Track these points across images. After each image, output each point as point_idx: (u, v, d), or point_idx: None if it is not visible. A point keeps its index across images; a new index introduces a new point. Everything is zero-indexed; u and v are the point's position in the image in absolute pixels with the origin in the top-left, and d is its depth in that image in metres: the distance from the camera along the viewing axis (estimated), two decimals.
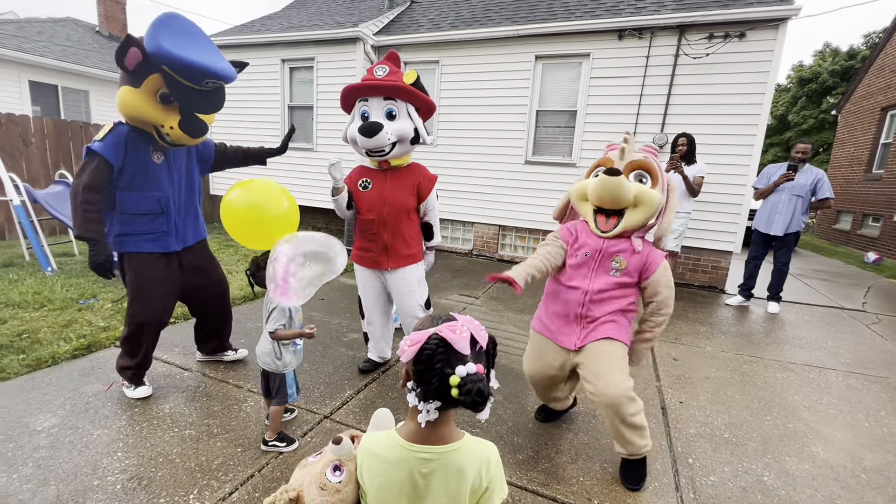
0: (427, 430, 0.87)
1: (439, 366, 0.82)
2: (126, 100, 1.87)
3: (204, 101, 1.94)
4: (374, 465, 0.90)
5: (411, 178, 2.38)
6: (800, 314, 4.41)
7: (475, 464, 0.89)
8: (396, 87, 2.20)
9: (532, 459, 1.95)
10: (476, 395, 0.79)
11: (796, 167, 4.19)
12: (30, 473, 1.64)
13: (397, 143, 2.25)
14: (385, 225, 2.35)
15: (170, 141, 2.01)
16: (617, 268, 1.79)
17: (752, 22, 4.63)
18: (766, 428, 2.32)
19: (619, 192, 1.68)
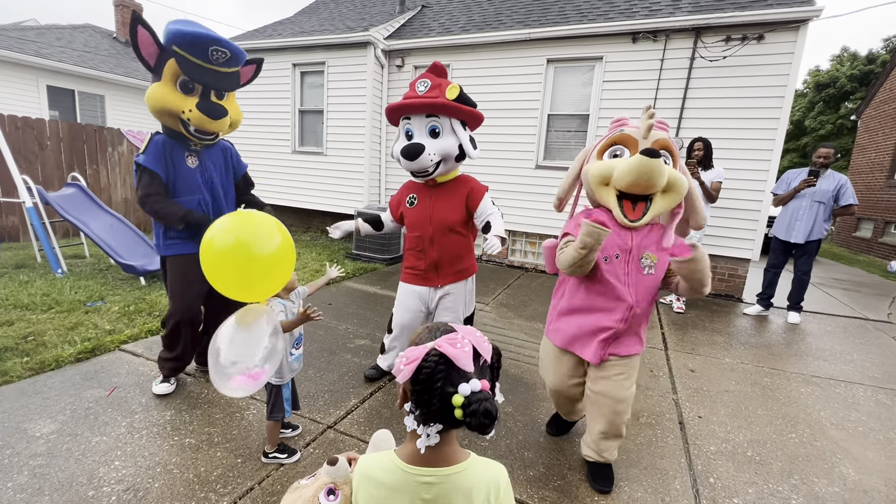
0: (429, 452, 0.79)
1: (440, 385, 0.74)
2: (152, 93, 1.97)
3: (217, 79, 2.04)
4: (372, 492, 0.83)
5: (458, 193, 2.29)
6: (822, 325, 4.25)
7: (483, 487, 0.81)
8: (436, 105, 2.12)
9: (544, 476, 1.86)
10: (483, 415, 0.70)
11: (818, 172, 4.05)
12: (24, 482, 1.59)
13: (441, 161, 2.18)
14: (433, 242, 2.28)
15: (193, 130, 2.05)
16: (649, 265, 1.62)
17: (772, 24, 4.51)
18: (792, 446, 2.20)
19: (657, 174, 1.46)
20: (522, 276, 5.60)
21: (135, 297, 3.68)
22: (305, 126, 7.06)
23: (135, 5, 12.99)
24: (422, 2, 7.79)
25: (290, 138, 7.07)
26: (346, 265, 5.41)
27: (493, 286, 4.99)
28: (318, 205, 7.08)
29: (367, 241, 5.83)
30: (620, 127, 1.69)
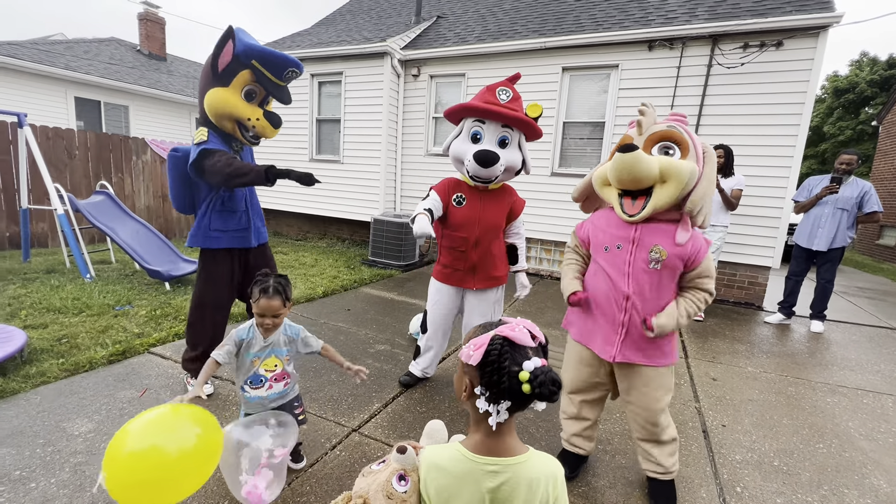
0: (493, 442, 0.86)
1: (507, 363, 0.81)
2: (218, 97, 2.07)
3: (281, 93, 2.21)
4: (441, 480, 0.87)
5: (505, 199, 2.34)
6: (846, 334, 4.17)
7: (543, 479, 0.86)
8: (520, 120, 2.14)
9: (568, 482, 1.86)
10: (550, 384, 0.78)
11: (840, 179, 4.00)
12: (66, 479, 1.65)
13: (504, 172, 2.22)
14: (477, 245, 2.29)
15: (252, 135, 2.20)
16: (656, 259, 1.56)
17: (791, 30, 4.49)
18: (820, 457, 2.16)
19: (637, 168, 1.46)
20: (538, 283, 5.60)
21: (160, 302, 3.78)
22: (323, 135, 7.20)
23: (158, 19, 13.42)
24: (437, 12, 7.92)
25: (308, 147, 7.21)
26: (362, 271, 5.47)
27: (509, 292, 4.98)
28: (335, 212, 7.19)
29: (383, 247, 5.89)
30: (631, 128, 1.71)
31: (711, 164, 1.56)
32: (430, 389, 2.60)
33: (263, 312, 1.56)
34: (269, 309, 1.55)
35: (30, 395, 2.21)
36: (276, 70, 2.10)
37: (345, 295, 4.50)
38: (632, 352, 1.64)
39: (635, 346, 1.63)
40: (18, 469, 1.69)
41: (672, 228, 1.58)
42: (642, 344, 1.62)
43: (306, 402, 2.32)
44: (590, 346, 1.76)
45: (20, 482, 1.62)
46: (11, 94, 8.75)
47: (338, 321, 3.66)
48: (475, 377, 0.85)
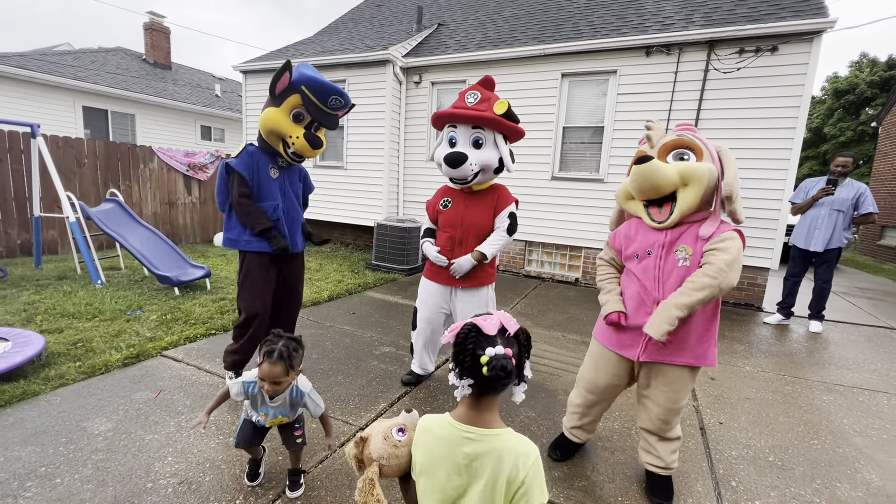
0: (474, 414, 0.99)
1: (471, 346, 0.95)
2: (270, 116, 2.29)
3: (326, 119, 2.38)
4: (427, 441, 1.01)
5: (490, 200, 2.43)
6: (845, 334, 4.22)
7: (512, 455, 0.95)
8: (484, 118, 2.24)
9: (568, 477, 1.93)
10: (500, 370, 0.91)
11: (836, 181, 4.07)
12: (89, 474, 1.74)
13: (480, 171, 2.31)
14: (461, 244, 2.41)
15: (293, 151, 2.36)
16: (684, 256, 1.59)
17: (785, 36, 4.57)
18: (815, 452, 2.23)
19: (655, 176, 1.53)
20: (539, 286, 5.67)
21: (170, 307, 3.87)
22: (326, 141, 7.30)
23: (163, 28, 13.63)
24: (438, 20, 8.04)
25: None
26: (366, 276, 5.56)
27: (510, 296, 5.07)
28: (339, 217, 7.29)
29: (387, 252, 5.98)
30: (641, 145, 1.80)
31: (730, 158, 1.61)
32: (433, 389, 2.67)
33: (264, 377, 1.49)
34: (269, 375, 1.47)
35: (50, 396, 2.30)
36: (321, 95, 2.28)
37: (349, 299, 4.58)
38: (657, 351, 1.66)
39: (661, 345, 1.64)
40: (44, 465, 1.77)
41: (697, 226, 1.62)
42: (666, 344, 1.63)
43: None
44: (614, 349, 1.78)
45: (46, 478, 1.70)
46: (22, 105, 8.92)
47: (343, 324, 3.74)
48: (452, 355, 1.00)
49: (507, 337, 0.98)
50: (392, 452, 1.03)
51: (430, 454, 1.00)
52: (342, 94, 2.34)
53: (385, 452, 1.03)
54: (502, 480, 0.93)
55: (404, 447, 1.05)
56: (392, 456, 1.03)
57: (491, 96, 2.31)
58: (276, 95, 2.28)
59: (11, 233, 5.67)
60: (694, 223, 1.62)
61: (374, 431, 1.08)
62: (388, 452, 1.03)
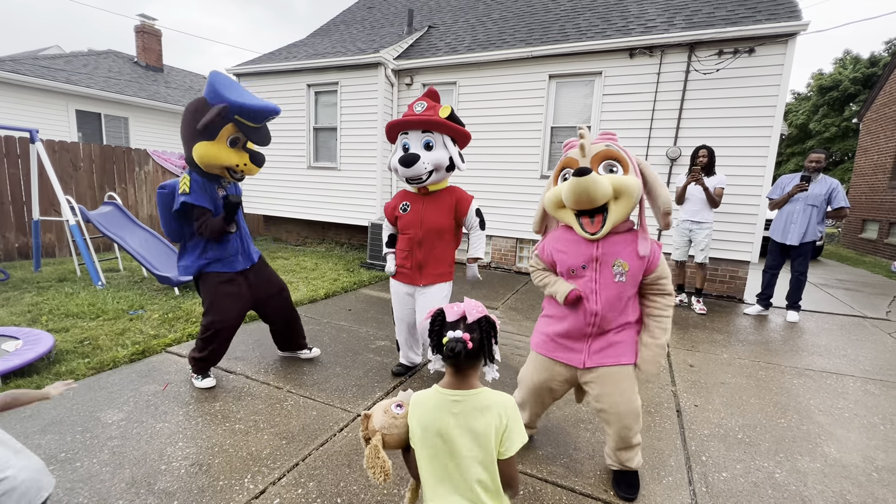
0: (457, 380, 1.15)
1: (437, 329, 1.14)
2: (206, 153, 2.28)
3: (262, 136, 2.43)
4: (420, 411, 1.17)
5: (448, 200, 2.61)
6: (819, 323, 4.42)
7: (495, 406, 1.12)
8: (432, 122, 2.45)
9: (552, 455, 2.09)
10: (450, 350, 1.08)
11: (810, 177, 4.26)
12: (106, 459, 1.87)
13: (434, 171, 2.49)
14: (420, 244, 2.58)
15: (240, 176, 2.44)
16: (620, 272, 1.68)
17: (761, 38, 4.77)
18: (780, 430, 2.40)
19: (594, 189, 1.56)
20: (530, 282, 5.84)
21: (171, 306, 3.99)
22: (320, 142, 7.43)
23: (154, 31, 13.63)
24: (428, 23, 8.18)
25: (306, 154, 7.43)
26: (361, 274, 5.69)
27: (502, 291, 5.24)
28: (333, 217, 7.41)
29: (381, 250, 6.10)
30: (567, 150, 1.81)
31: (649, 168, 1.74)
32: (427, 379, 2.82)
33: None
34: None
35: None
36: (256, 120, 2.32)
37: (345, 296, 4.72)
38: (598, 356, 1.77)
39: (601, 351, 1.77)
40: (63, 452, 1.90)
41: (629, 238, 1.71)
42: (605, 347, 1.76)
43: (315, 392, 2.55)
44: (554, 358, 1.85)
45: (67, 462, 1.83)
46: (16, 109, 8.93)
47: (340, 320, 3.88)
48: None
49: (468, 323, 1.12)
50: (391, 423, 1.19)
51: (425, 421, 1.15)
52: (276, 112, 2.34)
53: (386, 423, 1.19)
54: (491, 430, 1.10)
55: (402, 419, 1.20)
56: (392, 426, 1.18)
57: (436, 105, 2.53)
58: (203, 129, 2.23)
59: (10, 237, 5.75)
60: (619, 233, 1.72)
61: (375, 408, 1.24)
62: (388, 423, 1.19)
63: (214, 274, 2.47)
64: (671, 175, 5.36)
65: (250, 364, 2.90)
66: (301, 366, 2.90)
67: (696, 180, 4.34)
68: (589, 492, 1.85)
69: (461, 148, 2.66)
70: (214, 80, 2.24)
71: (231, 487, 1.74)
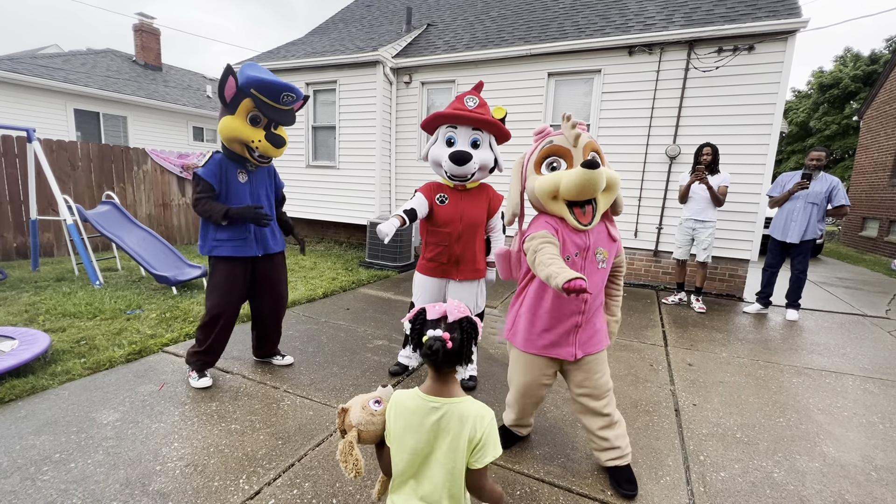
0: (438, 386, 1.15)
1: (419, 327, 1.14)
2: (226, 125, 2.34)
3: (282, 116, 2.44)
4: (399, 411, 1.17)
5: (484, 196, 2.58)
6: (819, 321, 4.41)
7: (472, 416, 1.12)
8: (488, 122, 2.40)
9: (549, 455, 2.08)
10: (427, 348, 1.09)
11: (811, 175, 4.25)
12: (101, 459, 1.86)
13: (479, 170, 2.46)
14: (459, 239, 2.53)
15: (258, 155, 2.44)
16: (602, 259, 1.74)
17: (761, 35, 4.74)
18: (779, 429, 2.39)
19: (601, 183, 1.57)
20: None
21: (169, 306, 3.98)
22: (318, 141, 7.41)
23: (153, 30, 13.60)
24: (427, 21, 8.15)
25: (305, 153, 7.41)
26: (360, 273, 5.68)
27: (500, 290, 5.22)
28: (332, 216, 7.40)
29: (380, 249, 6.11)
30: (545, 137, 1.76)
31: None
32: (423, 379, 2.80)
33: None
34: None
35: (58, 390, 2.41)
36: (272, 95, 2.33)
37: (344, 295, 4.71)
38: (587, 345, 1.81)
39: (588, 340, 1.81)
40: (58, 452, 1.89)
41: (602, 227, 1.78)
42: (591, 336, 1.82)
43: (311, 392, 2.54)
44: (543, 354, 1.82)
45: (61, 463, 1.83)
46: (14, 108, 8.92)
47: (338, 320, 3.87)
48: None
49: (448, 323, 1.13)
50: (369, 420, 1.19)
51: (402, 422, 1.15)
52: (292, 90, 2.38)
53: (363, 420, 1.19)
54: (464, 438, 1.10)
55: (379, 416, 1.20)
56: (369, 423, 1.19)
57: (486, 102, 2.50)
58: (228, 103, 2.34)
59: (7, 236, 5.73)
60: (601, 225, 1.79)
61: (353, 403, 1.24)
62: (365, 420, 1.19)
63: (222, 257, 2.48)
64: (671, 173, 5.34)
65: (247, 364, 2.89)
66: (298, 366, 2.89)
67: (701, 179, 4.32)
68: (586, 492, 1.84)
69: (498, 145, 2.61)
70: (245, 65, 2.36)
71: (226, 488, 1.73)
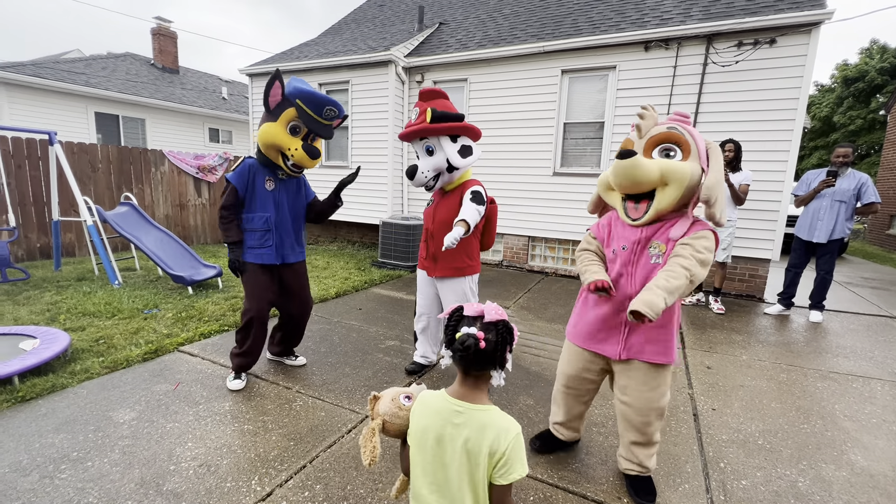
0: (464, 390, 1.11)
1: (454, 324, 1.10)
2: (267, 131, 2.38)
3: (322, 130, 2.47)
4: (424, 411, 1.15)
5: (458, 195, 2.57)
6: (845, 323, 4.26)
7: (494, 429, 1.06)
8: (418, 130, 2.45)
9: (563, 459, 2.04)
10: (461, 344, 1.04)
11: (837, 172, 4.10)
12: (117, 458, 1.88)
13: (438, 175, 2.52)
14: (432, 237, 2.62)
15: (292, 163, 2.46)
16: (657, 253, 1.60)
17: (783, 28, 4.60)
18: (803, 436, 2.31)
19: (635, 173, 1.50)
20: (542, 280, 5.76)
21: (185, 305, 4.03)
22: (331, 141, 7.44)
23: (170, 33, 13.85)
24: (439, 19, 8.12)
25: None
26: (372, 273, 5.69)
27: (513, 290, 5.17)
28: (345, 216, 7.43)
29: (392, 249, 6.11)
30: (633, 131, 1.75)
31: (717, 157, 1.59)
32: (437, 380, 2.79)
33: None
34: None
35: (77, 389, 2.46)
36: (316, 107, 2.37)
37: (356, 295, 4.72)
38: (635, 349, 1.68)
39: (638, 344, 1.67)
40: (75, 451, 1.92)
41: (670, 225, 1.62)
42: (644, 342, 1.66)
43: (324, 393, 2.54)
44: (589, 348, 1.80)
45: (78, 461, 1.85)
46: (37, 112, 9.18)
47: (350, 320, 3.88)
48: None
49: (485, 323, 1.09)
50: (395, 412, 1.19)
51: (424, 422, 1.13)
52: (336, 105, 2.42)
53: (390, 411, 1.19)
54: (484, 451, 1.04)
55: (406, 411, 1.20)
56: (395, 416, 1.18)
57: (425, 107, 2.49)
58: (272, 110, 2.38)
59: (31, 237, 5.89)
60: (668, 221, 1.62)
61: (386, 393, 1.25)
62: (392, 412, 1.19)
63: (249, 263, 2.54)
64: None
65: (260, 364, 2.90)
66: (310, 366, 2.90)
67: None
68: (602, 498, 1.79)
69: (475, 139, 2.60)
70: (294, 78, 2.43)
71: (238, 489, 1.74)
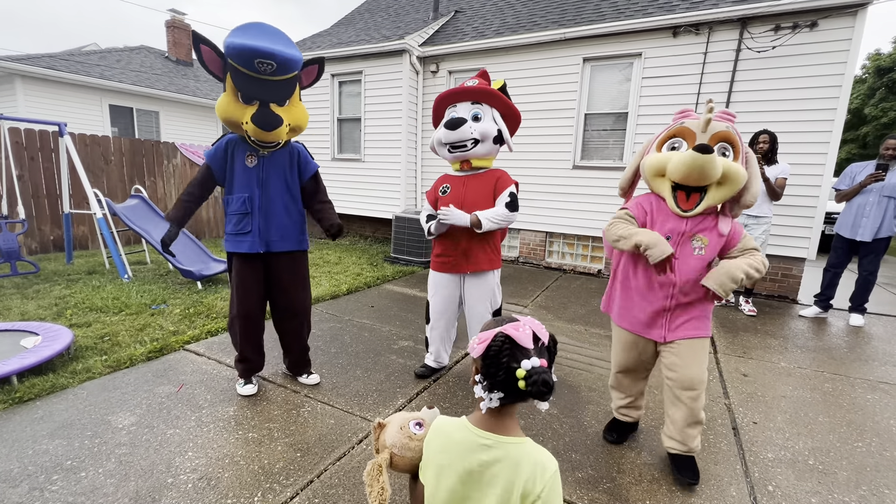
0: (493, 420, 0.93)
1: (505, 360, 0.88)
2: (219, 104, 2.08)
3: (265, 90, 2.03)
4: (441, 442, 0.98)
5: (489, 182, 2.39)
6: (889, 328, 3.97)
7: (530, 465, 0.89)
8: (482, 91, 2.31)
9: (592, 478, 1.86)
10: (542, 385, 0.84)
11: (887, 165, 3.79)
12: (112, 469, 1.76)
13: (480, 141, 2.31)
14: (464, 229, 2.35)
15: (250, 137, 2.12)
16: (700, 246, 1.69)
17: (825, 10, 4.27)
18: (859, 456, 2.09)
19: (709, 170, 1.54)
20: (561, 278, 5.55)
21: (193, 301, 3.93)
22: (343, 134, 7.30)
23: (184, 25, 13.83)
24: (455, 7, 7.88)
25: (330, 146, 7.32)
26: (385, 268, 5.54)
27: (531, 288, 4.97)
28: (357, 210, 7.29)
29: (405, 244, 5.95)
30: (682, 119, 1.73)
31: (753, 164, 1.70)
32: (452, 385, 2.63)
33: None
34: None
35: (77, 389, 2.35)
36: (244, 61, 1.90)
37: (368, 292, 4.57)
38: (679, 329, 1.77)
39: (681, 323, 1.77)
40: (69, 459, 1.80)
41: (713, 219, 1.71)
42: (685, 321, 1.76)
43: (333, 398, 2.39)
44: (635, 331, 1.87)
45: (71, 471, 1.73)
46: (52, 105, 9.21)
47: (362, 318, 3.73)
48: (479, 366, 0.94)
49: (541, 347, 0.91)
50: (405, 444, 1.03)
51: (442, 457, 0.95)
52: (268, 55, 1.89)
53: (399, 442, 1.03)
54: (517, 492, 0.87)
55: (418, 441, 1.03)
56: (405, 447, 1.03)
57: (487, 83, 2.39)
58: (223, 79, 2.04)
59: (45, 229, 5.87)
60: (708, 216, 1.72)
61: (392, 420, 1.09)
62: (401, 443, 1.03)
63: (230, 253, 2.30)
64: None
65: (268, 365, 2.76)
66: (320, 368, 2.75)
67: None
68: None
69: (511, 131, 2.46)
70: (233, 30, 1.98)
71: None
